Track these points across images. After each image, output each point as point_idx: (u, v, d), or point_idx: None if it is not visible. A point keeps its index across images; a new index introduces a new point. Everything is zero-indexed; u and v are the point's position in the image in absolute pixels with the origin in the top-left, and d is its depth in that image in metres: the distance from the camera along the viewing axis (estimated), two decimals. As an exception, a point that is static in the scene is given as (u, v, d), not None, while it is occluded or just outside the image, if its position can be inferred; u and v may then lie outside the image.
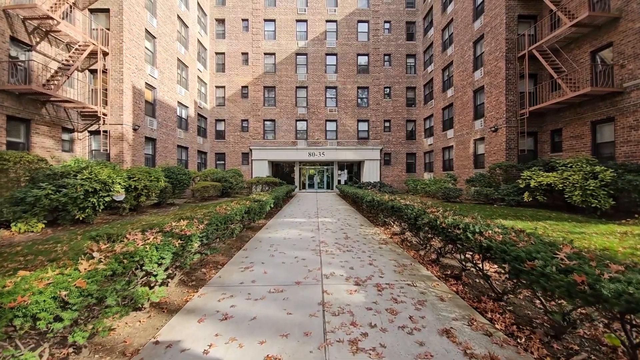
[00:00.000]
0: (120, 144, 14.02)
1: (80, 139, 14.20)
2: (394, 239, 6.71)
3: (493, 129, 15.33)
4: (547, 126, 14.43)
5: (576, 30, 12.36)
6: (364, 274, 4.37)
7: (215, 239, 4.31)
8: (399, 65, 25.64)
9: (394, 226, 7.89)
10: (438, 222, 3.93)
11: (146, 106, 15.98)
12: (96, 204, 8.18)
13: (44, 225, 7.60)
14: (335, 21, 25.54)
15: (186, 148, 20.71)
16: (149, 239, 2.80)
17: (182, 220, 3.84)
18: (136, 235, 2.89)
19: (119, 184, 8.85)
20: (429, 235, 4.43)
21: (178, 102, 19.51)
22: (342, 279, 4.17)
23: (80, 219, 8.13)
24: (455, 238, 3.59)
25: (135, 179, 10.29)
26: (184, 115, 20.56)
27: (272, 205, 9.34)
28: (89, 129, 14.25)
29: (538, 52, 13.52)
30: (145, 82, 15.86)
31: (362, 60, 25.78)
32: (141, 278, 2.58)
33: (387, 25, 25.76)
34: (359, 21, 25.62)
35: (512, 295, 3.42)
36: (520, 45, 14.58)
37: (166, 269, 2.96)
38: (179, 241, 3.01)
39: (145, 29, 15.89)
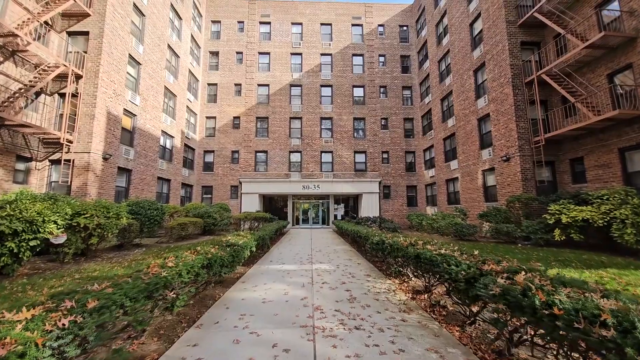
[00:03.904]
0: (84, 175, 12.18)
1: (38, 169, 12.36)
2: (419, 300, 4.73)
3: (504, 158, 13.97)
4: (565, 155, 13.11)
5: (589, 52, 11.58)
6: (394, 393, 2.39)
7: (119, 334, 2.34)
8: (395, 97, 25.18)
9: (412, 278, 5.93)
10: (536, 302, 2.07)
11: (122, 134, 14.44)
12: (16, 250, 6.12)
13: None
14: (330, 54, 25.50)
15: (168, 180, 18.89)
16: None
17: (32, 306, 1.93)
18: None
19: (55, 222, 6.88)
20: (507, 318, 2.52)
21: (162, 131, 18.11)
22: (356, 413, 2.17)
23: (-8, 270, 6.02)
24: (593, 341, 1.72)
25: (86, 215, 8.31)
26: (168, 146, 19.05)
27: (253, 249, 7.36)
28: (50, 158, 12.49)
29: (548, 76, 12.65)
30: (124, 109, 14.50)
31: (358, 91, 25.33)
32: None
33: (381, 59, 25.77)
34: (354, 55, 25.62)
35: None
36: (526, 71, 13.81)
37: None
38: None
39: (129, 54, 14.92)
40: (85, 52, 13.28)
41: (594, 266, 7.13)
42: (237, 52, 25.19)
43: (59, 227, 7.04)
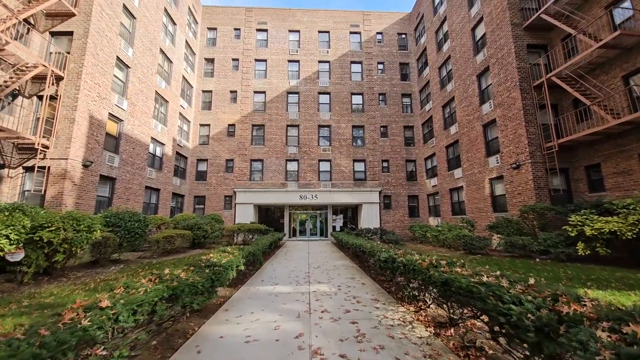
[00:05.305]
0: (61, 183, 11.14)
1: (11, 177, 11.32)
2: (444, 337, 3.72)
3: (514, 165, 13.15)
4: (580, 162, 12.32)
5: (602, 53, 10.95)
6: None
7: None
8: (395, 105, 24.58)
9: (430, 304, 4.88)
10: None
11: (107, 140, 13.50)
12: (-49, 272, 5.08)
13: None
14: (327, 62, 25.01)
15: (157, 190, 17.83)
16: None
17: None
18: None
19: (7, 237, 5.83)
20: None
21: (152, 138, 17.19)
22: None
23: None
24: None
25: (51, 228, 7.26)
26: (158, 153, 18.09)
27: (241, 268, 6.32)
28: (24, 165, 11.46)
29: (559, 78, 11.99)
30: (110, 113, 13.61)
31: (357, 99, 24.72)
32: None
33: (380, 67, 25.31)
34: (352, 62, 25.16)
35: None
36: (534, 75, 13.17)
37: None
38: None
39: (117, 57, 14.16)
40: (68, 53, 12.48)
41: (635, 286, 6.17)
42: (233, 59, 24.63)
43: (12, 242, 5.99)
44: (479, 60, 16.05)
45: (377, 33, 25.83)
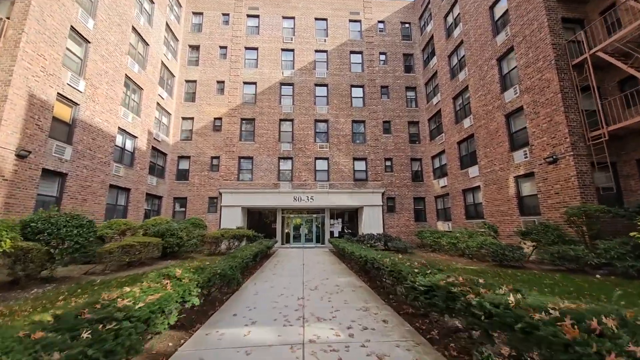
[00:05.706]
0: (-18, 177, 8.62)
1: None
2: None
3: (549, 159, 11.00)
4: (631, 154, 10.23)
5: (664, 21, 8.92)
6: None
7: None
8: (398, 98, 22.47)
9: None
10: None
11: (55, 126, 10.99)
12: None
13: None
14: (325, 51, 22.86)
15: (127, 190, 15.28)
16: None
17: None
18: None
19: None
20: None
21: (120, 128, 14.69)
22: None
23: None
24: None
25: None
26: (128, 147, 15.57)
27: (195, 302, 3.95)
28: (-64, 154, 8.91)
29: (606, 54, 9.93)
30: (59, 93, 11.12)
31: (357, 92, 22.54)
32: None
33: (382, 57, 23.23)
34: (352, 52, 23.03)
35: None
36: (572, 52, 11.12)
37: None
38: None
39: (72, 27, 11.72)
40: (8, 18, 10.03)
41: None
42: (221, 47, 22.31)
43: None
44: (499, 42, 14.00)
45: (379, 22, 23.81)
